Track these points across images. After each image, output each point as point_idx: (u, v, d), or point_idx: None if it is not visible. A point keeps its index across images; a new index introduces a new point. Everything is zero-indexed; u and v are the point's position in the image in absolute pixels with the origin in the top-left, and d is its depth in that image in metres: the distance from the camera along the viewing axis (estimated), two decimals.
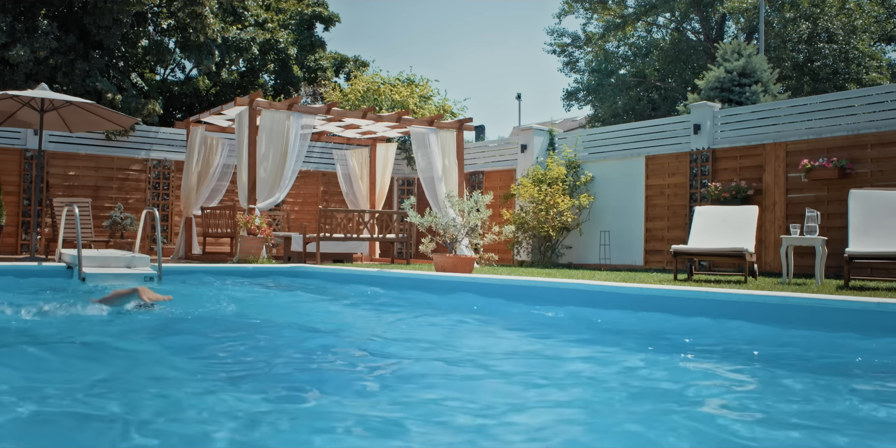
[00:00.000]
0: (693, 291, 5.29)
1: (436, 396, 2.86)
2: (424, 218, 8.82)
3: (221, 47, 18.00)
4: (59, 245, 8.57)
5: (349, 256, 11.99)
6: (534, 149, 13.11)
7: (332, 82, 20.98)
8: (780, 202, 10.19)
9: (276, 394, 2.79)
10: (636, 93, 29.16)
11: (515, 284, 6.44)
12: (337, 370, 3.44)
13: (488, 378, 3.31)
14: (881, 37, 26.82)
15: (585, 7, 30.58)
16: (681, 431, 2.37)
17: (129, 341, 3.96)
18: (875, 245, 7.18)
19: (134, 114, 14.34)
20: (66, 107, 10.05)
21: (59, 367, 3.15)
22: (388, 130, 13.06)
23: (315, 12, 21.98)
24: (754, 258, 7.95)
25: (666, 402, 2.80)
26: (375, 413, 2.55)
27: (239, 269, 8.76)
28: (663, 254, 11.36)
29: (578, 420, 2.54)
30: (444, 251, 12.41)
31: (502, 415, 2.59)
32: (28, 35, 13.24)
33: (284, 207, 14.23)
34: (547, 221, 11.93)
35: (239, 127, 10.92)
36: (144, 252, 11.13)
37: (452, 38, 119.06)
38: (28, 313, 4.47)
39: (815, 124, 10.14)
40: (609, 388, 3.05)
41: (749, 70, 14.11)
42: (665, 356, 3.86)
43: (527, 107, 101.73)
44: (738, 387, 3.15)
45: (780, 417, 2.57)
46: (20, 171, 12.17)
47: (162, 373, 3.21)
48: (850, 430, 2.43)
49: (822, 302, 4.60)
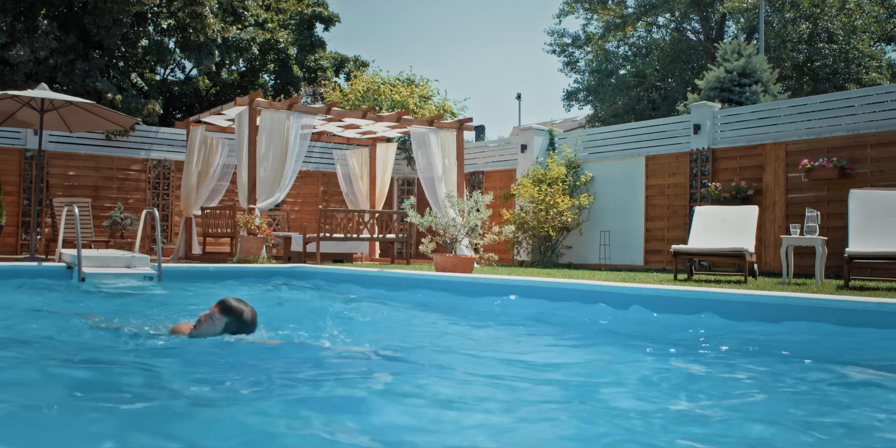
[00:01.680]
0: (693, 291, 5.29)
1: (436, 395, 2.86)
2: (424, 218, 8.82)
3: (221, 47, 18.00)
4: (59, 245, 8.57)
5: (349, 256, 11.98)
6: (534, 149, 13.11)
7: (332, 82, 20.98)
8: (780, 202, 10.19)
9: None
10: (636, 93, 29.15)
11: (515, 284, 6.43)
12: (338, 370, 3.44)
13: (488, 378, 3.30)
14: (881, 37, 26.82)
15: (585, 7, 30.56)
16: (680, 432, 2.37)
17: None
18: (875, 245, 7.18)
19: (134, 114, 14.34)
20: (66, 107, 10.05)
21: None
22: (388, 130, 13.06)
23: (315, 12, 21.98)
24: (754, 258, 7.95)
25: (664, 400, 2.80)
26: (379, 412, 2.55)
27: (239, 270, 8.76)
28: (663, 254, 11.36)
29: (578, 420, 2.54)
30: (444, 251, 12.41)
31: (501, 415, 2.59)
32: (28, 35, 13.24)
33: (284, 207, 14.23)
34: (547, 221, 11.93)
35: (239, 127, 10.92)
36: (144, 252, 11.12)
37: (452, 38, 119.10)
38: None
39: (815, 124, 10.14)
40: (608, 388, 3.05)
41: (749, 70, 14.11)
42: (664, 356, 3.86)
43: (527, 107, 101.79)
44: (738, 387, 3.15)
45: (779, 417, 2.57)
46: (20, 171, 12.17)
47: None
48: (850, 430, 2.43)
49: (822, 302, 4.60)
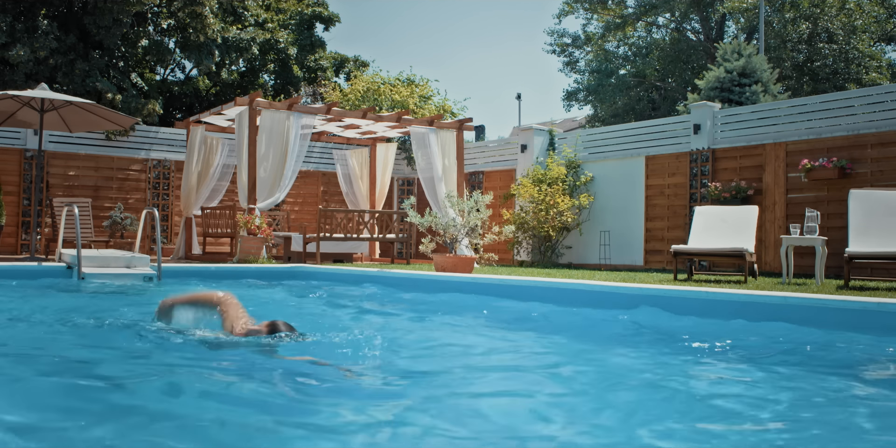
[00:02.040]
0: (693, 291, 5.29)
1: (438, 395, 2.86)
2: (424, 218, 8.82)
3: (221, 47, 17.99)
4: (59, 245, 8.57)
5: (349, 256, 11.98)
6: (534, 149, 13.11)
7: (332, 82, 20.98)
8: (780, 202, 10.19)
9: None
10: (636, 93, 29.15)
11: (515, 284, 6.43)
12: (338, 371, 3.44)
13: (488, 377, 3.31)
14: (881, 37, 26.82)
15: (585, 7, 30.56)
16: (679, 432, 2.37)
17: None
18: (875, 245, 7.18)
19: (134, 114, 14.34)
20: (66, 107, 10.05)
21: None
22: (388, 130, 13.06)
23: (315, 12, 21.98)
24: (754, 258, 7.95)
25: (670, 400, 2.81)
26: (381, 412, 2.56)
27: (239, 270, 8.76)
28: (663, 254, 11.36)
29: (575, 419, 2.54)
30: (444, 251, 12.41)
31: (502, 412, 2.59)
32: (28, 35, 13.24)
33: (284, 207, 14.23)
34: (547, 221, 11.92)
35: (239, 127, 10.92)
36: (144, 252, 11.12)
37: (452, 38, 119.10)
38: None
39: (815, 124, 10.14)
40: (607, 387, 3.05)
41: (749, 70, 14.11)
42: (666, 355, 3.86)
43: (527, 107, 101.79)
44: (740, 386, 3.15)
45: (779, 417, 2.58)
46: (20, 171, 12.17)
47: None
48: (849, 429, 2.43)
49: (822, 302, 4.60)
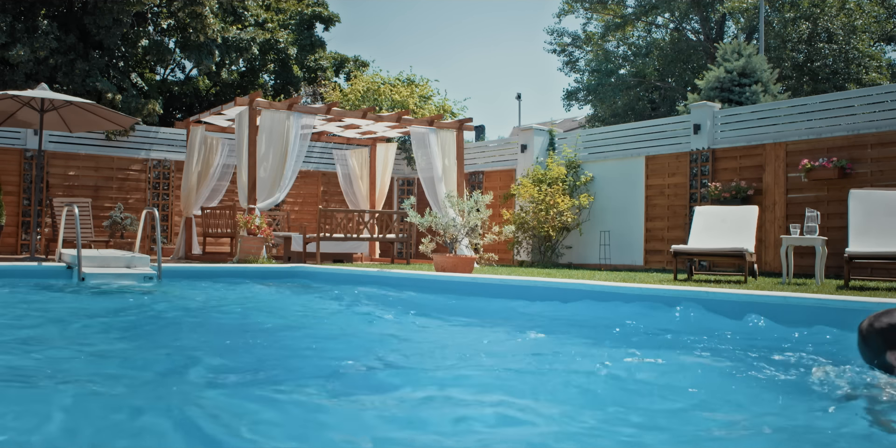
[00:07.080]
0: (693, 291, 5.29)
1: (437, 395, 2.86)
2: (424, 218, 8.81)
3: (221, 47, 17.99)
4: (59, 245, 8.56)
5: (349, 256, 11.98)
6: (534, 149, 13.11)
7: (332, 82, 20.98)
8: (780, 202, 10.19)
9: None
10: (636, 93, 29.15)
11: (515, 284, 6.43)
12: (338, 371, 3.44)
13: (487, 377, 3.31)
14: (881, 37, 26.81)
15: (585, 7, 30.56)
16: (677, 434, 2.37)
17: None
18: (875, 245, 7.18)
19: (134, 114, 14.33)
20: (66, 107, 10.05)
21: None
22: (388, 130, 13.06)
23: (315, 12, 21.97)
24: (754, 258, 7.95)
25: (669, 400, 2.81)
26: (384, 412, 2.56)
27: (239, 270, 8.76)
28: (663, 254, 11.36)
29: (574, 419, 2.54)
30: (444, 251, 12.41)
31: (500, 413, 2.59)
32: (28, 35, 13.24)
33: (284, 207, 14.23)
34: (547, 221, 11.92)
35: (239, 127, 10.92)
36: (144, 252, 11.12)
37: (452, 38, 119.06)
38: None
39: (815, 124, 10.14)
40: (606, 387, 3.05)
41: (749, 70, 14.11)
42: (666, 355, 3.85)
43: (527, 107, 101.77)
44: (740, 386, 3.15)
45: (778, 417, 2.57)
46: (20, 171, 12.17)
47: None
48: (848, 430, 2.43)
49: (822, 302, 4.60)
